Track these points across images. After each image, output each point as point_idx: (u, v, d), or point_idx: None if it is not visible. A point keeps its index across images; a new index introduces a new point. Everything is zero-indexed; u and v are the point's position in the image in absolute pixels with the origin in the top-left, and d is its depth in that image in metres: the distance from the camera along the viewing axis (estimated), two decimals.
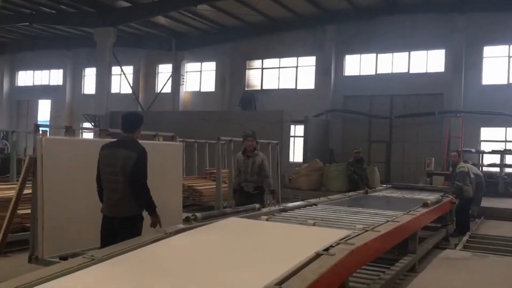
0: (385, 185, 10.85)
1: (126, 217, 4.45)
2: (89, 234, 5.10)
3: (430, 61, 19.34)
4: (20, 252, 6.23)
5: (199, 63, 24.63)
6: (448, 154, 16.42)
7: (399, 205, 7.13)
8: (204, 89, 24.39)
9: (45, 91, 28.59)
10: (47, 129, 5.64)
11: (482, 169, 15.73)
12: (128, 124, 4.61)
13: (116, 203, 4.46)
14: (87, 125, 21.41)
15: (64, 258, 4.85)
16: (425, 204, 6.56)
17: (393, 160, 19.65)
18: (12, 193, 5.80)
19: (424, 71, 19.33)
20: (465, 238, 6.83)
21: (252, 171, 7.13)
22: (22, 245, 6.23)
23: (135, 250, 3.66)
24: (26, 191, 5.43)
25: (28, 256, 5.14)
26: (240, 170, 7.24)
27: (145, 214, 4.64)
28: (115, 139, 4.79)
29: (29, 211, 5.55)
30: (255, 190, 7.21)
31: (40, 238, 4.99)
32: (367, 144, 19.65)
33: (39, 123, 22.24)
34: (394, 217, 5.33)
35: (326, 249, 3.61)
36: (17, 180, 6.08)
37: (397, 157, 19.56)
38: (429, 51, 19.34)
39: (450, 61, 18.62)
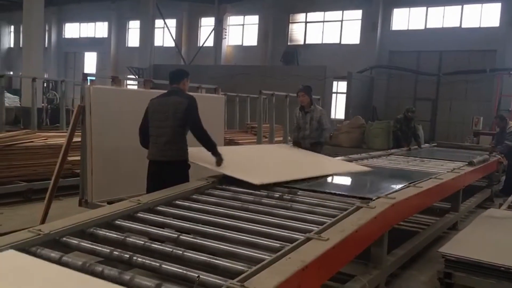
0: (428, 144, 10.61)
1: (171, 161, 4.53)
2: (135, 181, 5.26)
3: (485, 15, 18.30)
4: (71, 196, 6.55)
5: (242, 17, 24.30)
6: (497, 114, 15.82)
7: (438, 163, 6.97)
8: (247, 43, 24.16)
9: (91, 43, 29.13)
10: (95, 78, 5.75)
11: None
12: (174, 76, 4.77)
13: (162, 147, 4.54)
14: (131, 77, 21.80)
15: (111, 203, 5.08)
16: (470, 163, 6.40)
17: (439, 118, 19.09)
18: (62, 140, 6.04)
19: (478, 26, 18.35)
20: (511, 198, 6.65)
21: (311, 127, 6.84)
22: (72, 190, 6.56)
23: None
24: (75, 139, 5.66)
25: (78, 200, 5.41)
26: (299, 126, 7.00)
27: None
28: (164, 91, 4.88)
29: (78, 157, 5.79)
30: (311, 146, 6.92)
31: (89, 183, 5.22)
32: (412, 102, 19.10)
33: (89, 74, 22.78)
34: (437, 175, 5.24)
35: (367, 202, 3.63)
36: (67, 129, 6.32)
37: (443, 116, 18.98)
38: (484, 4, 18.27)
39: (506, 15, 17.56)
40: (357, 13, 20.87)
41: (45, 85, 19.06)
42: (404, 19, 19.94)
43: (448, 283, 3.71)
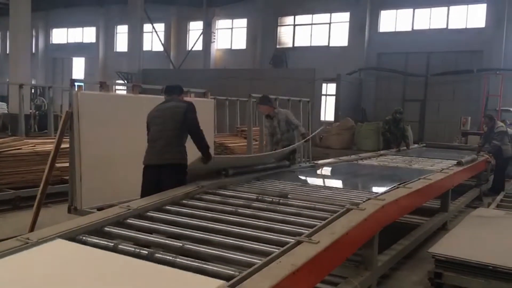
0: (417, 145, 10.69)
1: (169, 164, 4.50)
2: (125, 187, 5.25)
3: (471, 16, 18.48)
4: (60, 203, 6.49)
5: (230, 20, 24.31)
6: (485, 113, 15.98)
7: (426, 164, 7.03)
8: (235, 46, 24.17)
9: (79, 48, 28.96)
10: (83, 84, 5.72)
11: None
12: (170, 89, 4.89)
13: (160, 150, 4.52)
14: (120, 82, 21.69)
15: (101, 209, 5.04)
16: (459, 163, 6.46)
17: (427, 119, 19.21)
18: (50, 147, 5.99)
19: (464, 26, 18.53)
20: (499, 197, 6.72)
21: (281, 130, 7.01)
22: (61, 197, 6.50)
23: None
24: (64, 145, 5.61)
25: (68, 207, 5.36)
26: (272, 134, 7.11)
27: None
28: (152, 96, 5.00)
29: (67, 164, 5.74)
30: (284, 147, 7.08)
31: (78, 190, 5.18)
32: (401, 103, 19.21)
33: (76, 80, 22.64)
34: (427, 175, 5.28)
35: (357, 204, 3.65)
36: (55, 135, 6.27)
37: (432, 116, 19.11)
38: (470, 6, 18.45)
39: (492, 16, 17.75)
40: (345, 16, 20.98)
41: (33, 91, 18.88)
42: (391, 21, 20.08)
43: (438, 283, 3.74)
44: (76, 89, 5.31)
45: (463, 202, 7.14)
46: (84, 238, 2.99)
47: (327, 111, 20.11)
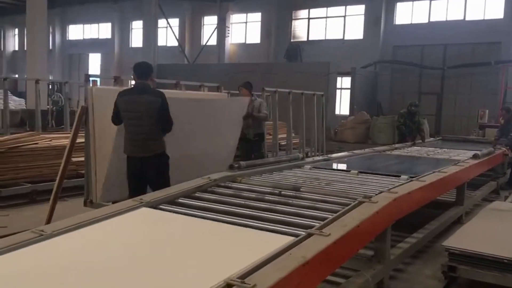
0: (432, 138, 10.58)
1: (154, 155, 4.76)
2: None
3: (488, 7, 18.18)
4: (77, 196, 6.59)
5: (244, 14, 24.28)
6: (503, 106, 15.71)
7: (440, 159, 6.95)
8: (250, 40, 24.15)
9: (94, 44, 29.23)
10: (97, 79, 5.78)
11: None
12: (142, 71, 4.88)
13: (142, 144, 4.75)
14: None
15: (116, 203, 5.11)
16: (475, 156, 6.37)
17: (444, 112, 19.00)
18: (66, 142, 6.07)
19: (481, 18, 18.22)
20: None
21: (256, 117, 7.32)
22: (78, 191, 6.59)
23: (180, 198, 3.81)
24: (79, 140, 5.69)
25: (84, 200, 5.44)
26: (244, 118, 7.28)
27: (187, 160, 4.84)
28: (130, 87, 5.11)
29: (83, 158, 5.82)
30: (255, 137, 7.43)
31: (93, 183, 5.25)
32: (417, 96, 19.03)
33: (92, 75, 22.89)
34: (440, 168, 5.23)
35: (369, 197, 3.62)
36: (71, 130, 6.35)
37: (449, 110, 18.89)
38: None
39: (510, 6, 17.45)
40: (360, 8, 20.80)
41: (50, 87, 19.11)
42: (407, 13, 19.85)
43: (452, 277, 3.70)
44: (90, 84, 5.36)
45: (480, 195, 7.05)
46: None
47: (342, 105, 20.01)
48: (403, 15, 19.94)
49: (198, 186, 4.14)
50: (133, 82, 5.37)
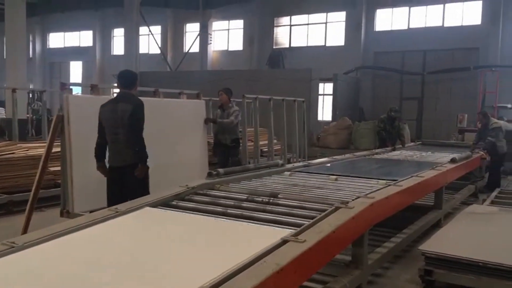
0: (413, 143, 10.69)
1: (130, 164, 4.69)
2: None
3: (466, 13, 18.49)
4: (54, 207, 6.48)
5: (227, 22, 24.31)
6: (481, 111, 15.96)
7: (420, 164, 7.02)
8: (232, 48, 24.17)
9: (76, 52, 28.97)
10: (73, 87, 5.72)
11: None
12: (124, 80, 4.85)
13: (119, 152, 4.72)
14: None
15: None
16: (453, 160, 6.44)
17: (425, 117, 19.20)
18: (43, 151, 5.98)
19: (460, 24, 18.53)
20: (494, 194, 6.71)
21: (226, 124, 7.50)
22: (55, 200, 6.49)
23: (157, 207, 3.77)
24: (56, 149, 5.61)
25: (60, 210, 5.35)
26: (219, 123, 7.55)
27: (164, 168, 4.80)
28: (114, 97, 5.05)
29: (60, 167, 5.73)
30: (232, 142, 7.61)
31: (69, 193, 5.17)
32: (398, 101, 19.23)
33: (71, 83, 22.67)
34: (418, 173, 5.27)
35: (346, 203, 3.63)
36: None
37: (429, 114, 19.10)
38: (465, 3, 18.47)
39: (487, 13, 17.77)
40: (341, 15, 20.99)
41: (30, 95, 18.87)
42: (387, 20, 20.09)
43: (429, 280, 3.72)
44: (66, 92, 5.30)
45: (458, 199, 7.13)
46: None
47: (325, 111, 20.11)
48: (384, 21, 20.17)
49: (176, 194, 4.10)
50: (116, 90, 5.36)
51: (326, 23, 21.53)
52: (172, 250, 2.81)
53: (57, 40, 30.12)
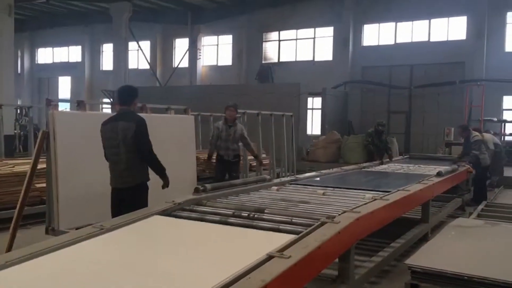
0: (401, 156, 10.76)
1: (130, 187, 4.56)
2: (104, 207, 5.17)
3: (452, 28, 18.82)
4: (40, 224, 6.39)
5: (216, 37, 24.47)
6: (469, 124, 16.13)
7: (408, 177, 7.07)
8: (221, 62, 24.29)
9: (64, 68, 28.92)
10: (59, 103, 5.69)
11: (504, 138, 15.43)
12: (123, 97, 4.71)
13: (119, 174, 4.58)
14: (106, 101, 21.63)
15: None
16: (439, 173, 6.49)
17: (413, 130, 19.39)
18: (28, 167, 5.92)
19: (445, 39, 18.83)
20: (481, 207, 6.74)
21: (234, 140, 7.60)
22: (41, 217, 6.40)
23: (143, 220, 3.75)
24: (42, 165, 5.56)
25: (45, 228, 5.29)
26: (221, 138, 7.59)
27: (150, 183, 4.73)
28: (113, 114, 4.88)
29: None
30: (234, 158, 7.69)
31: (55, 210, 5.12)
32: (386, 115, 19.41)
33: (59, 99, 22.55)
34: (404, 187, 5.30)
35: (331, 217, 3.63)
36: None
37: (417, 128, 19.29)
38: (451, 18, 18.80)
39: (472, 28, 18.09)
40: (329, 30, 21.24)
41: (18, 111, 18.76)
42: (374, 35, 20.35)
43: None
44: (51, 109, 5.27)
45: (445, 212, 7.16)
46: None
47: (314, 125, 20.22)
48: (371, 36, 20.43)
49: (162, 210, 4.08)
50: (107, 106, 5.28)
51: (314, 38, 21.76)
52: (156, 264, 2.79)
53: (45, 55, 30.06)
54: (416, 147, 17.84)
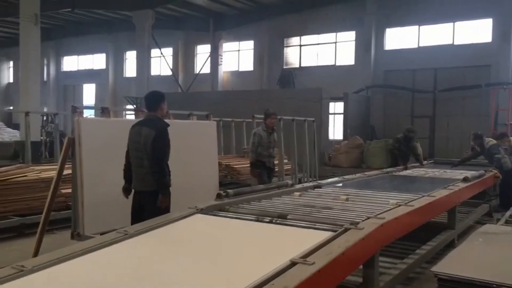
0: (426, 161, 10.59)
1: (151, 191, 4.59)
2: (128, 213, 5.23)
3: (476, 31, 18.47)
4: (66, 229, 6.49)
5: (237, 43, 24.58)
6: (495, 128, 15.80)
7: (434, 181, 6.95)
8: (243, 68, 24.38)
9: (89, 75, 29.44)
10: (84, 110, 5.79)
11: None
12: (150, 103, 4.77)
13: (142, 178, 4.64)
14: (129, 107, 21.90)
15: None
16: (465, 179, 6.36)
17: (437, 135, 19.06)
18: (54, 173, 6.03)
19: (470, 42, 18.50)
20: (509, 213, 6.57)
21: (274, 146, 7.82)
22: (67, 223, 6.50)
23: (166, 226, 3.77)
24: (68, 171, 5.65)
25: (71, 233, 5.37)
26: (262, 145, 7.63)
27: (172, 189, 4.74)
28: (141, 119, 4.96)
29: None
30: (273, 165, 7.91)
31: (80, 215, 5.20)
32: (410, 120, 19.15)
33: (84, 106, 22.92)
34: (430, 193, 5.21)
35: (355, 223, 3.59)
36: None
37: (442, 132, 18.96)
38: (475, 21, 18.46)
39: (498, 30, 17.72)
40: (351, 35, 21.11)
41: (44, 118, 19.16)
42: (397, 39, 20.14)
43: None
44: (77, 116, 5.36)
45: (472, 218, 7.01)
46: None
47: (336, 130, 20.08)
48: (393, 40, 20.23)
49: (185, 216, 4.10)
50: (130, 112, 5.35)
51: (335, 42, 21.65)
52: (179, 269, 2.81)
53: (70, 63, 30.67)
54: (441, 152, 17.53)
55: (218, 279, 2.64)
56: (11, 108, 29.01)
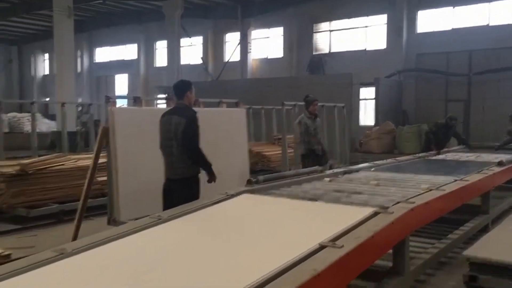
0: (459, 146, 10.39)
1: (180, 178, 4.72)
2: (161, 199, 5.37)
3: None
4: (102, 215, 6.71)
5: (266, 30, 24.48)
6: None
7: (467, 165, 6.82)
8: (272, 55, 24.29)
9: (121, 65, 29.91)
10: (117, 99, 5.94)
11: None
12: (177, 91, 4.88)
13: (171, 165, 4.77)
14: (161, 96, 22.19)
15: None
16: (500, 163, 6.23)
17: (472, 119, 18.58)
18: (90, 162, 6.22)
19: (506, 22, 17.86)
20: None
21: (320, 131, 7.65)
22: (103, 209, 6.72)
23: (198, 211, 3.86)
24: (103, 160, 5.83)
25: (107, 219, 5.55)
26: (309, 134, 7.42)
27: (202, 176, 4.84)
28: (171, 107, 5.07)
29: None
30: (322, 152, 7.60)
31: (116, 202, 5.36)
32: (444, 104, 18.73)
33: (117, 96, 23.35)
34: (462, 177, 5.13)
35: (385, 208, 3.59)
36: None
37: (477, 116, 18.45)
38: (511, 1, 17.80)
39: None
40: (382, 18, 20.69)
41: (79, 109, 19.65)
42: (430, 21, 19.64)
43: (474, 287, 3.62)
44: (110, 105, 5.51)
45: (507, 203, 6.86)
46: None
47: (367, 116, 19.85)
48: (426, 23, 19.73)
49: (215, 201, 4.18)
50: (161, 101, 5.44)
51: (366, 27, 21.29)
52: (212, 251, 2.89)
53: (103, 54, 31.24)
54: (477, 136, 17.06)
55: (248, 262, 2.71)
56: (48, 99, 29.85)
